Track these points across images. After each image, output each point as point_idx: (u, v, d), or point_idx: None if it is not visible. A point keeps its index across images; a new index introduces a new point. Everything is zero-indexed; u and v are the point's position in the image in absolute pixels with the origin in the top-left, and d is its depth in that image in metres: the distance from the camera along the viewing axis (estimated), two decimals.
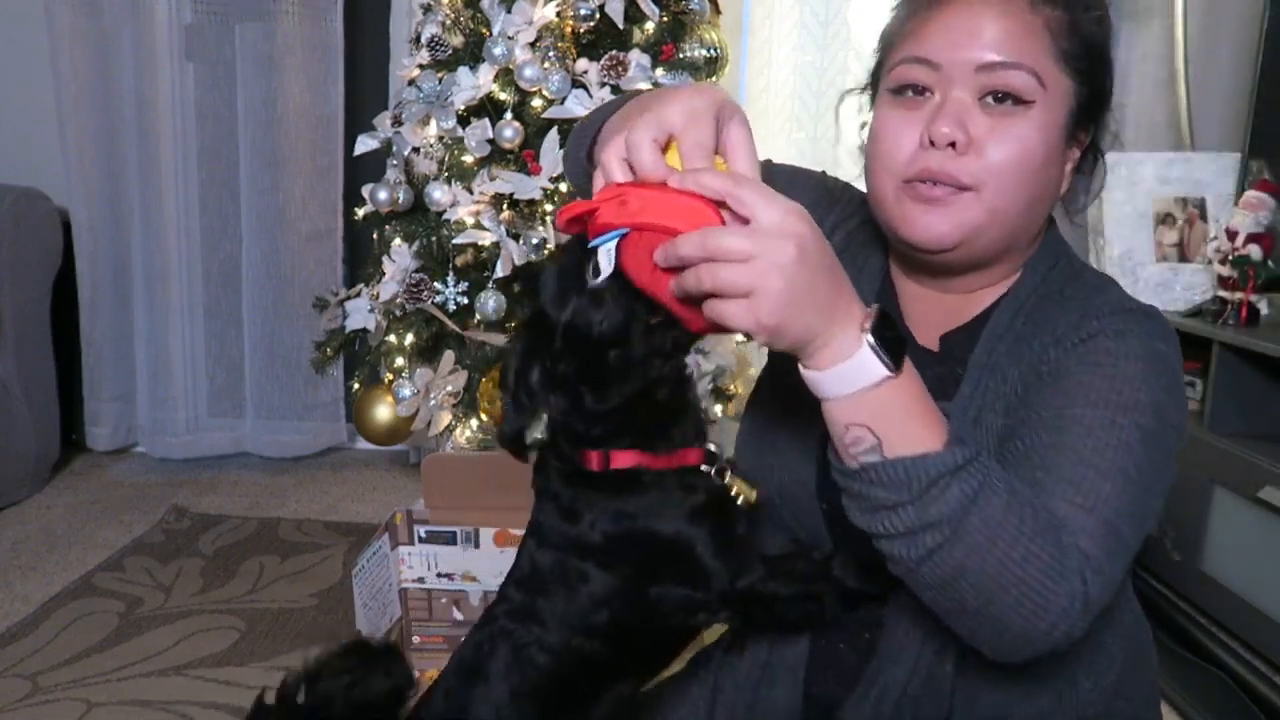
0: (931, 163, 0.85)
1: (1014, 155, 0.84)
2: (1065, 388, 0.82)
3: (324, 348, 2.22)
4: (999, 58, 0.84)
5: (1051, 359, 0.85)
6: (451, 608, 1.75)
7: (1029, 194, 0.86)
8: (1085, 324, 0.85)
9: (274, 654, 1.97)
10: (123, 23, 2.85)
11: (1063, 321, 0.87)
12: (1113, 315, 0.85)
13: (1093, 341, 0.84)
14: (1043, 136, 0.85)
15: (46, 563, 2.35)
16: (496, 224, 1.87)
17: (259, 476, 2.99)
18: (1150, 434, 0.79)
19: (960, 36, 0.85)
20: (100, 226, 2.96)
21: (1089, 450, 0.77)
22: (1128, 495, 0.76)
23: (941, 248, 0.87)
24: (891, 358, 0.67)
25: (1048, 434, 0.80)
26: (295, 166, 2.92)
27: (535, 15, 1.89)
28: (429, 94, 1.95)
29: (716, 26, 2.12)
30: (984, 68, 0.84)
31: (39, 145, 2.94)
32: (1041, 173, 0.86)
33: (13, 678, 1.86)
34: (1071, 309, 0.88)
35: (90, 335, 3.01)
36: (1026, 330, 0.89)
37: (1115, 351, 0.82)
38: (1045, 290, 0.92)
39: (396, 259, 1.99)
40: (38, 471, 2.79)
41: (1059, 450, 0.78)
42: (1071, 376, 0.82)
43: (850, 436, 0.70)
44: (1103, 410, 0.79)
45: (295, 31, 2.85)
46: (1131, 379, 0.81)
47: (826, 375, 0.68)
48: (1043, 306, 0.90)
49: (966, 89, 0.85)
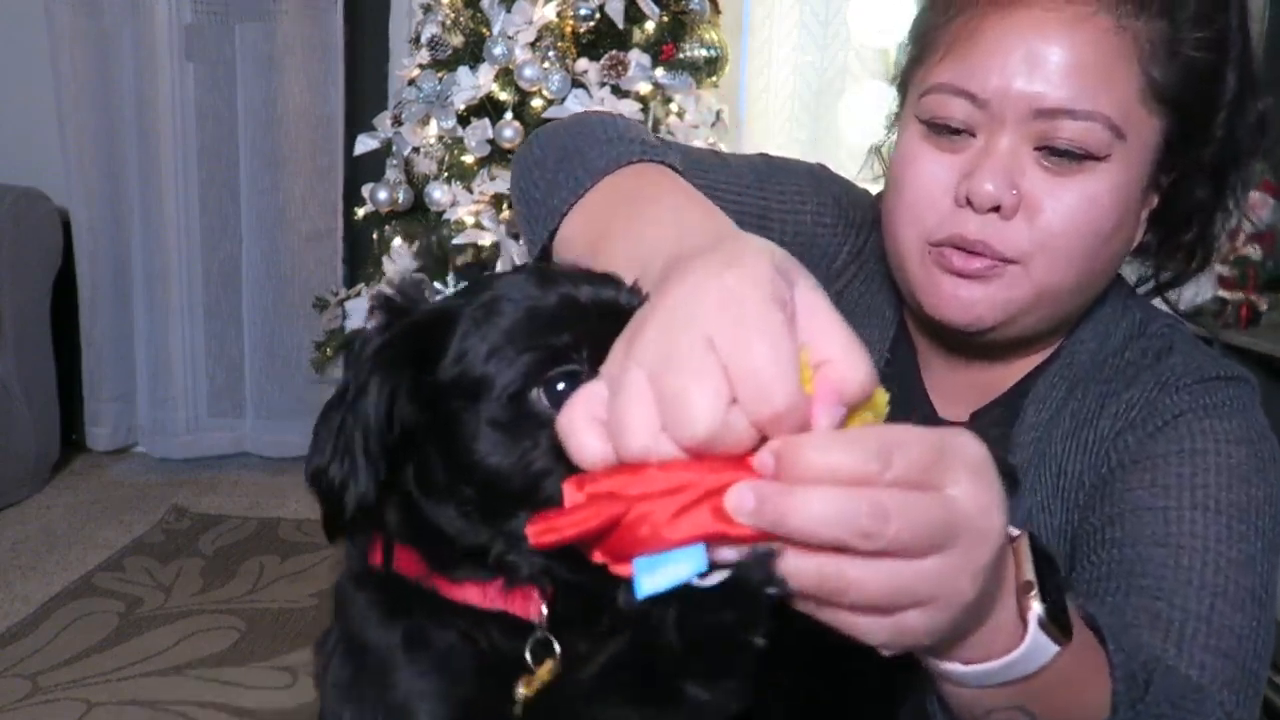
0: (969, 229, 0.68)
1: (1075, 222, 0.66)
2: (1162, 483, 0.67)
3: (324, 348, 2.22)
4: (1065, 103, 0.65)
5: (1129, 446, 0.70)
6: None
7: (1090, 267, 0.69)
8: (1166, 400, 0.70)
9: (274, 654, 1.97)
10: (123, 23, 2.85)
11: (1134, 396, 0.72)
12: (1198, 386, 0.71)
13: (1181, 422, 0.69)
14: (1118, 196, 0.67)
15: (46, 563, 2.35)
16: (496, 224, 1.87)
17: (259, 476, 2.99)
18: (1273, 540, 0.67)
19: (1016, 63, 0.65)
20: (100, 226, 2.96)
21: (1213, 573, 0.64)
22: (1261, 625, 0.64)
23: (976, 330, 0.70)
24: (1060, 624, 0.48)
25: (1157, 545, 0.65)
26: (295, 166, 2.92)
27: (535, 15, 1.90)
28: (429, 94, 1.96)
29: (716, 26, 2.12)
30: (1044, 114, 0.65)
31: (39, 145, 2.93)
32: (1111, 240, 0.69)
33: (13, 678, 1.85)
34: (1142, 380, 0.73)
35: (90, 335, 3.00)
36: (1086, 409, 0.73)
37: (1213, 435, 0.68)
38: (1102, 353, 0.75)
39: (396, 259, 1.99)
40: (38, 471, 2.79)
41: (1178, 571, 0.64)
42: (1166, 468, 0.68)
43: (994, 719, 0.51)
44: (1215, 515, 0.65)
45: (295, 31, 2.85)
46: (1240, 471, 0.67)
47: (973, 671, 0.47)
48: (1102, 375, 0.74)
49: (1020, 135, 0.67)
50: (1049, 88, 0.65)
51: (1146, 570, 0.65)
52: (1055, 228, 0.66)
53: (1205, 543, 0.65)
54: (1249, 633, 0.64)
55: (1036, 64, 0.65)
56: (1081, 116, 0.65)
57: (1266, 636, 0.65)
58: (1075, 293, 0.71)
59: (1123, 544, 0.66)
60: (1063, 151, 0.66)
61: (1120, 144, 0.66)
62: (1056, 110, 0.65)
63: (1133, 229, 0.72)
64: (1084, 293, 0.73)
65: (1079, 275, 0.69)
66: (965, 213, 0.68)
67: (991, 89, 0.66)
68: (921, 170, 0.70)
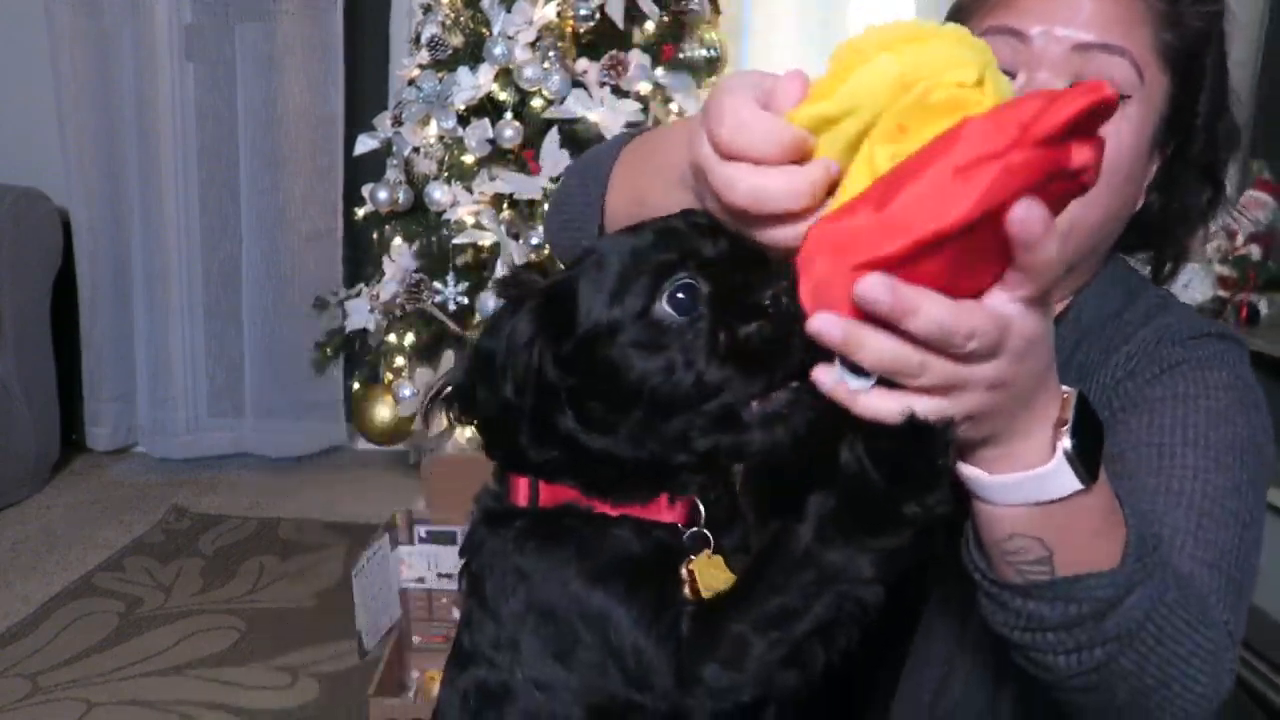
0: None
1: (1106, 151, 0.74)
2: (1158, 423, 0.74)
3: (324, 348, 2.23)
4: (1100, 39, 0.74)
5: (1129, 392, 0.77)
6: (451, 608, 1.75)
7: (1112, 202, 0.77)
8: (1163, 351, 0.78)
9: (274, 654, 1.97)
10: (123, 23, 2.84)
11: (1133, 349, 0.79)
12: (1192, 341, 0.78)
13: (1176, 371, 0.76)
14: (1136, 138, 0.76)
15: (46, 563, 2.35)
16: (496, 224, 1.87)
17: (259, 476, 2.99)
18: (1255, 474, 0.74)
19: (1057, 8, 0.75)
20: (100, 226, 2.96)
21: (1200, 496, 0.70)
22: (1245, 543, 0.71)
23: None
24: (1087, 466, 0.55)
25: (1151, 475, 0.72)
26: (295, 166, 2.92)
27: (535, 15, 1.90)
28: (429, 94, 1.96)
29: (716, 27, 2.12)
30: (1081, 47, 0.74)
31: (39, 145, 2.93)
32: (1129, 180, 0.77)
33: (13, 678, 1.86)
34: (1139, 334, 0.80)
35: (90, 335, 3.00)
36: (1091, 361, 0.81)
37: (1204, 383, 0.75)
38: (1105, 310, 0.84)
39: (396, 259, 1.99)
40: (38, 471, 2.79)
41: (1169, 496, 0.70)
42: (1161, 410, 0.75)
43: (1013, 545, 0.58)
44: (1204, 450, 0.72)
45: (295, 31, 2.85)
46: (1227, 414, 0.74)
47: (997, 481, 0.55)
48: (1104, 333, 0.82)
49: (1057, 72, 0.75)
50: (1087, 29, 0.74)
51: (1142, 497, 0.70)
52: None
53: (1195, 472, 0.71)
54: (1232, 547, 0.70)
55: (1075, 11, 0.75)
56: (1115, 51, 0.74)
57: (1251, 553, 0.72)
58: (1097, 229, 0.78)
59: (1121, 476, 0.71)
60: None
61: (1140, 87, 0.75)
62: (1091, 44, 0.74)
63: (1139, 184, 0.80)
64: (1103, 232, 0.79)
65: (1104, 210, 0.76)
66: None
67: (1035, 28, 0.75)
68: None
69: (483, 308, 1.90)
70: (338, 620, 2.08)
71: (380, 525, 1.86)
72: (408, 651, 1.77)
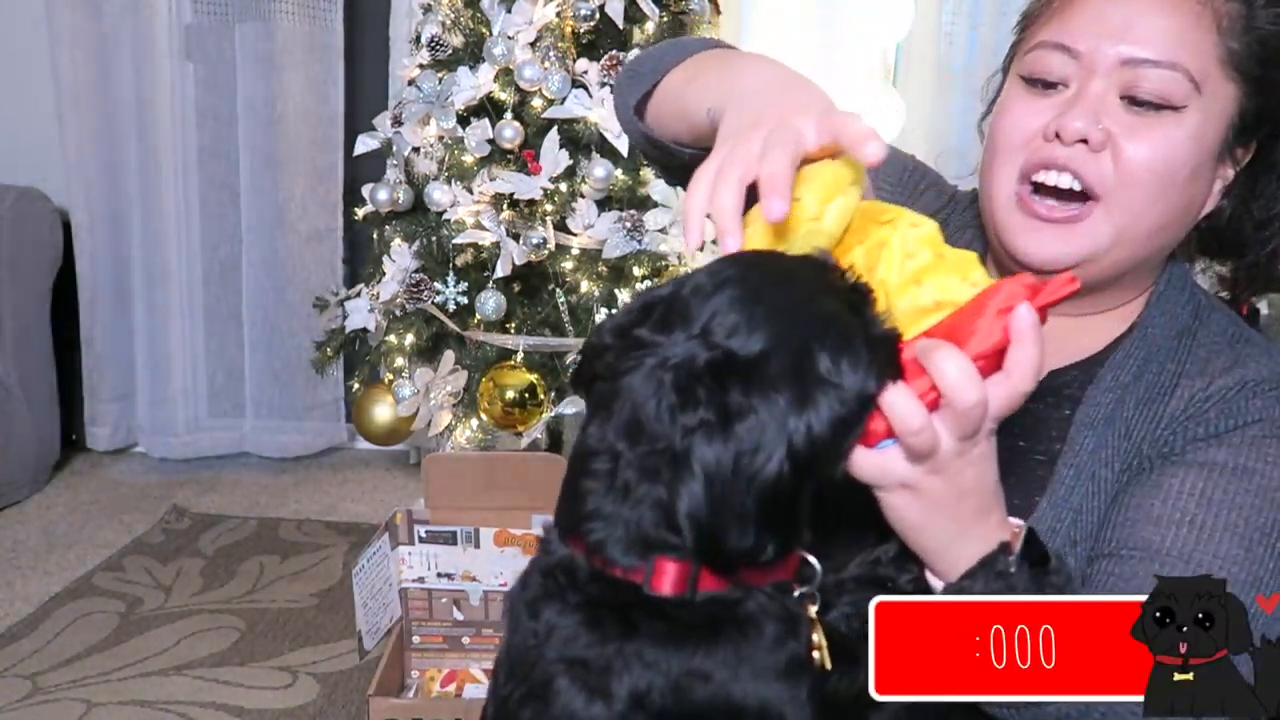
0: (1058, 154, 0.75)
1: (1156, 159, 0.73)
2: (1206, 495, 0.72)
3: (324, 348, 2.22)
4: (1149, 55, 0.73)
5: (1196, 438, 0.75)
6: (451, 607, 1.75)
7: (1166, 210, 0.76)
8: (1240, 404, 0.75)
9: (274, 654, 1.97)
10: (123, 23, 2.84)
11: (1212, 389, 0.76)
12: (1272, 395, 0.75)
13: (1246, 433, 0.74)
14: (1193, 146, 0.74)
15: (46, 563, 2.35)
16: (496, 224, 1.87)
17: (259, 476, 2.99)
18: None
19: (1110, 25, 0.74)
20: (100, 226, 2.96)
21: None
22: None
23: (1054, 269, 0.75)
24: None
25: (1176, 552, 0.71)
26: (295, 166, 2.92)
27: (535, 15, 1.90)
28: (429, 94, 1.95)
29: (716, 27, 2.12)
30: (1129, 63, 0.73)
31: (39, 145, 2.93)
32: (1186, 187, 0.76)
33: (13, 678, 1.86)
34: (1217, 367, 0.77)
35: (90, 335, 3.00)
36: (1161, 383, 0.78)
37: (1265, 456, 0.73)
38: (1174, 328, 0.80)
39: (396, 259, 1.99)
40: (38, 471, 2.79)
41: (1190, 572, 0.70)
42: (1213, 480, 0.73)
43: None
44: (1240, 538, 0.71)
45: (295, 31, 2.85)
46: (1277, 496, 0.72)
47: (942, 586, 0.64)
48: (1176, 352, 0.79)
49: (1108, 83, 0.74)
50: (1138, 43, 0.74)
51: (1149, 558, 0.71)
52: (1135, 164, 0.73)
53: (1222, 561, 0.70)
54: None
55: (1129, 26, 0.74)
56: (1165, 66, 0.73)
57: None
58: (1149, 236, 0.76)
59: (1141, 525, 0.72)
60: (1144, 101, 0.74)
61: (1197, 97, 0.73)
62: (1143, 60, 0.73)
63: (1205, 190, 0.78)
64: (1156, 239, 0.77)
65: (1156, 218, 0.75)
66: (1054, 144, 0.75)
67: (1086, 43, 0.75)
68: (1017, 113, 0.79)
69: (482, 308, 1.90)
70: (338, 620, 2.08)
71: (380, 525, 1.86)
72: (408, 651, 1.77)
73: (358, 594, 1.92)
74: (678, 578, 0.56)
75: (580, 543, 0.58)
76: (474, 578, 1.74)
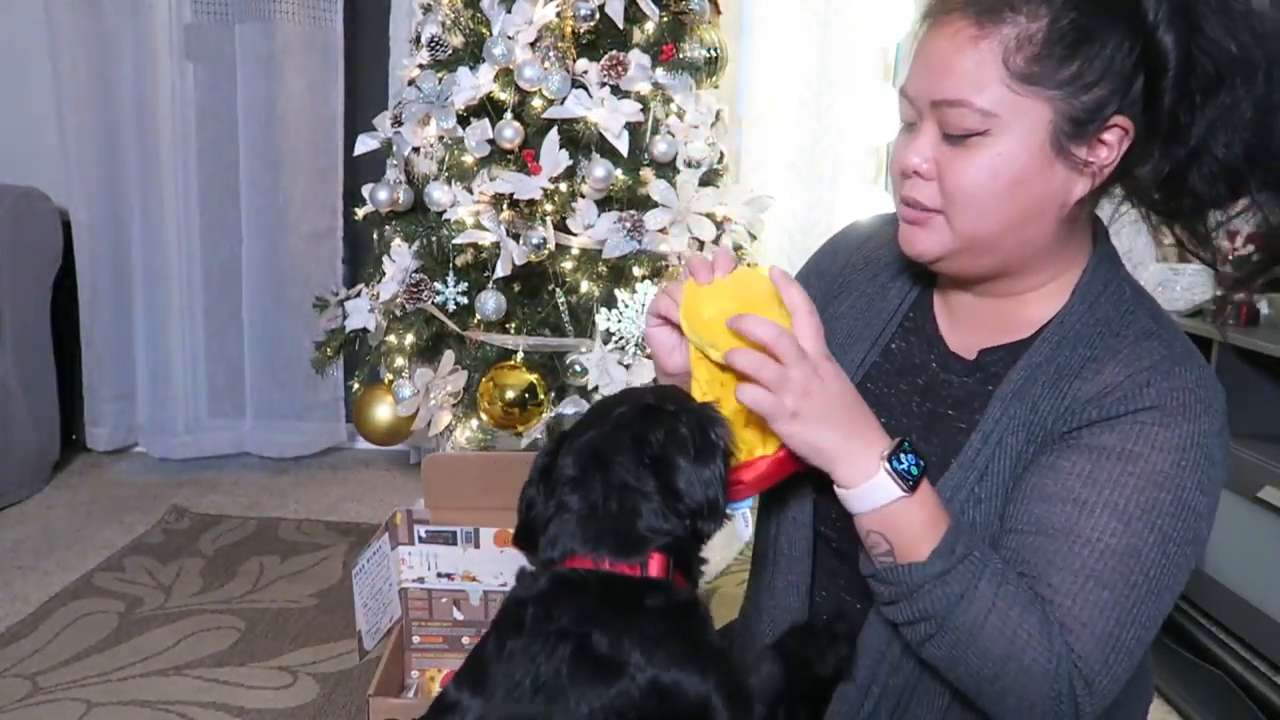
0: (905, 188, 0.90)
1: (972, 182, 0.85)
2: (1092, 476, 0.83)
3: (324, 348, 2.22)
4: (946, 96, 0.83)
5: (1091, 420, 0.85)
6: (451, 607, 1.75)
7: (1002, 217, 0.86)
8: (1139, 392, 0.84)
9: (274, 654, 1.97)
10: (123, 23, 2.85)
11: (1117, 378, 0.85)
12: (1173, 392, 0.83)
13: (1139, 418, 0.83)
14: (1009, 158, 0.83)
15: (46, 563, 2.35)
16: (496, 224, 1.87)
17: (259, 476, 2.99)
18: (1166, 537, 0.81)
19: (921, 69, 0.87)
20: (100, 226, 2.96)
21: (1094, 558, 0.81)
22: (1131, 601, 0.80)
23: (923, 261, 0.92)
24: (906, 482, 0.81)
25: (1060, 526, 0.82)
26: (295, 166, 2.92)
27: (535, 15, 1.89)
28: (429, 94, 1.95)
29: (716, 26, 2.12)
30: (937, 104, 0.85)
31: (39, 145, 2.94)
32: (1016, 194, 0.85)
33: (13, 678, 1.86)
34: (1123, 357, 0.86)
35: (90, 335, 3.00)
36: (1070, 365, 0.88)
37: (1156, 442, 0.82)
38: (1094, 318, 0.90)
39: (396, 259, 1.99)
40: (38, 471, 2.79)
41: (1068, 554, 0.81)
42: (1101, 464, 0.83)
43: (870, 540, 0.83)
44: (1120, 514, 0.81)
45: (295, 31, 2.85)
46: (1158, 478, 0.81)
47: (851, 493, 0.82)
48: (1088, 339, 0.89)
49: (930, 121, 0.87)
50: (939, 88, 0.84)
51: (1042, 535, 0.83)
52: (955, 188, 0.86)
53: (1100, 534, 0.81)
54: (1112, 605, 0.80)
55: (931, 68, 0.86)
56: (958, 105, 0.83)
57: (1137, 615, 0.80)
58: (1001, 237, 0.87)
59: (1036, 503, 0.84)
60: (953, 135, 0.85)
61: (996, 121, 0.82)
62: (940, 102, 0.84)
63: (1051, 185, 0.85)
64: (1012, 238, 0.87)
65: (996, 223, 0.86)
66: (905, 179, 0.90)
67: (910, 89, 0.88)
68: (895, 149, 0.93)
69: (482, 308, 1.90)
70: (338, 620, 2.08)
71: (380, 525, 1.86)
72: (408, 651, 1.77)
73: (358, 594, 1.92)
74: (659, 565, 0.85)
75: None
76: (474, 578, 1.74)
